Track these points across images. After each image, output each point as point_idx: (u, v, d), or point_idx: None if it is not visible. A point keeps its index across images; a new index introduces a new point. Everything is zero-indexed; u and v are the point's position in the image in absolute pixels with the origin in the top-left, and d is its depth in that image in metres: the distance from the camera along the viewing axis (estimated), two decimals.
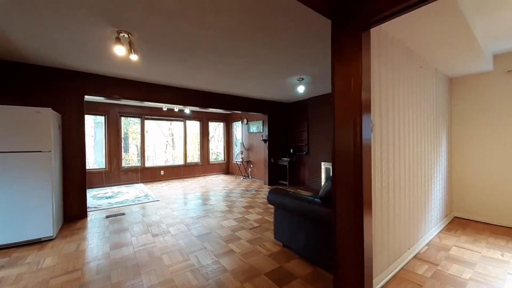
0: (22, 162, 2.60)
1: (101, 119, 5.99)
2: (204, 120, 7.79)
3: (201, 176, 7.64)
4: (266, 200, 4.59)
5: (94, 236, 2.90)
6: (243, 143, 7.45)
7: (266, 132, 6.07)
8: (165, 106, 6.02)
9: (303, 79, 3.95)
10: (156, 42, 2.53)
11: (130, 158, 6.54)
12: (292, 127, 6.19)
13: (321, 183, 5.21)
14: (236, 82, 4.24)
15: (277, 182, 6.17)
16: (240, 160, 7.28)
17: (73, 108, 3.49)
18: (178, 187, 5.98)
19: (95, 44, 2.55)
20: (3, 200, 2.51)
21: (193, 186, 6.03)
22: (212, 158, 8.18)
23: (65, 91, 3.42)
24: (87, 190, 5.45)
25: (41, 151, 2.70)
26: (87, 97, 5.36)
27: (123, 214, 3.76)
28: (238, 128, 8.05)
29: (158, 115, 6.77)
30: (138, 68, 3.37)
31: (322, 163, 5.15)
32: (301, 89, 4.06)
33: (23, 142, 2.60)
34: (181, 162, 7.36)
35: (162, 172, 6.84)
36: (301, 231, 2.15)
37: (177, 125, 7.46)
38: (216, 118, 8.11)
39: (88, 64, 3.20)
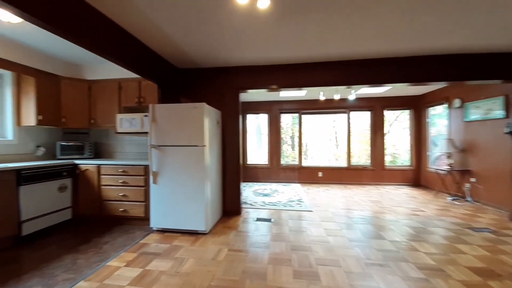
0: (182, 156, 2.70)
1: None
2: (377, 109, 5.74)
3: (371, 184, 5.70)
4: None
5: (237, 243, 2.48)
6: (451, 139, 4.47)
7: None
8: (321, 94, 4.95)
9: None
10: None
11: (294, 156, 6.24)
12: None
13: None
14: (444, 24, 2.12)
15: None
16: (446, 167, 4.41)
17: (230, 105, 3.45)
18: (337, 195, 4.66)
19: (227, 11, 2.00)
20: (171, 189, 2.73)
21: (358, 199, 4.41)
22: (388, 160, 5.88)
23: (223, 88, 3.45)
24: (253, 183, 5.90)
25: (197, 146, 2.68)
26: (253, 97, 5.74)
27: (270, 221, 3.17)
28: (438, 116, 5.07)
29: (315, 108, 5.90)
30: (281, 42, 2.54)
31: None
32: None
33: (184, 136, 2.69)
34: (344, 164, 5.93)
35: (320, 174, 5.87)
36: None
37: (341, 119, 6.14)
38: (396, 104, 5.70)
39: (234, 52, 2.87)
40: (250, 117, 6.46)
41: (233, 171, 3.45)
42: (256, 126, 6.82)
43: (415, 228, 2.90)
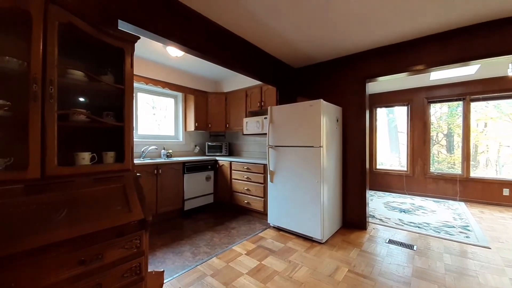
0: (297, 156, 2.60)
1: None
2: None
3: None
4: None
5: (360, 266, 2.02)
6: None
7: None
8: (511, 67, 3.07)
9: None
10: None
11: (453, 161, 4.49)
12: None
13: None
14: None
15: None
16: None
17: (353, 99, 2.93)
18: None
19: None
20: (286, 189, 2.70)
21: None
22: None
23: (344, 81, 3.00)
24: (383, 193, 4.76)
25: (313, 146, 2.48)
26: (384, 86, 4.65)
27: (412, 248, 2.35)
28: None
29: (496, 90, 3.83)
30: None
31: None
32: None
33: (300, 136, 2.58)
34: None
35: (506, 192, 3.74)
36: None
37: None
38: None
39: (357, 33, 2.37)
40: (380, 112, 5.31)
41: (356, 177, 2.90)
42: (388, 122, 5.54)
43: None
